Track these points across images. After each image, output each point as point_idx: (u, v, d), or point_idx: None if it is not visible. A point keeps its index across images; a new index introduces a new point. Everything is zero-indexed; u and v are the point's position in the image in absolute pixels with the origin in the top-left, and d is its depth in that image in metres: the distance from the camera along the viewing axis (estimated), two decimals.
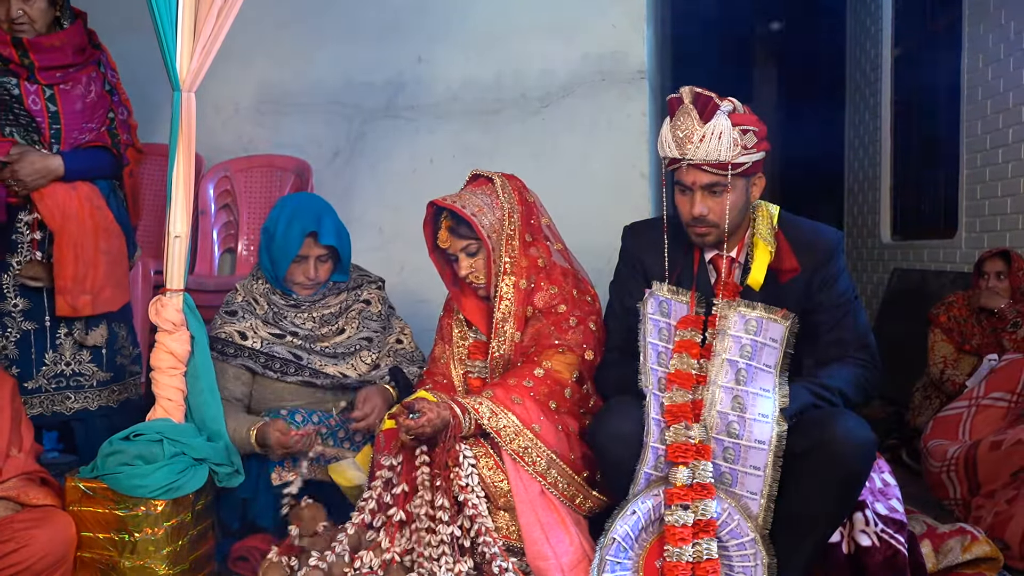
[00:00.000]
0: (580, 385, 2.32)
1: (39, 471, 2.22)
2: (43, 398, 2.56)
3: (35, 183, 2.49)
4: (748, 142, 2.02)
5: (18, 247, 2.56)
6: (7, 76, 2.51)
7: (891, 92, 5.90)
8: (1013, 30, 4.13)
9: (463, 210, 2.30)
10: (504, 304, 2.35)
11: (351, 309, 2.65)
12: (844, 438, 1.93)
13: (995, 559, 2.26)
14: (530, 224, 2.41)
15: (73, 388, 2.59)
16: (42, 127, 2.54)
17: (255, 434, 2.38)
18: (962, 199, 4.67)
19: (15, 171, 2.46)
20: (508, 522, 2.20)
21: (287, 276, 2.55)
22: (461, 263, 2.37)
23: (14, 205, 2.53)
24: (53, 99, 2.56)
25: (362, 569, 2.10)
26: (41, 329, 2.56)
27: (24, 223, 2.56)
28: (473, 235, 2.33)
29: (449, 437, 2.14)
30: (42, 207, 2.51)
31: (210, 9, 2.21)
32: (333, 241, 2.52)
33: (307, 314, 2.59)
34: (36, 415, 2.52)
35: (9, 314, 2.54)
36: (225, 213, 3.85)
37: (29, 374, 2.54)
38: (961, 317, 3.75)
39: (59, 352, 2.58)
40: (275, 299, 2.58)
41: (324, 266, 2.57)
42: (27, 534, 2.00)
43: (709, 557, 1.94)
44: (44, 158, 2.51)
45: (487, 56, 3.72)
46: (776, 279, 2.14)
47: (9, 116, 2.52)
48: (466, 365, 2.48)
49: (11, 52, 2.49)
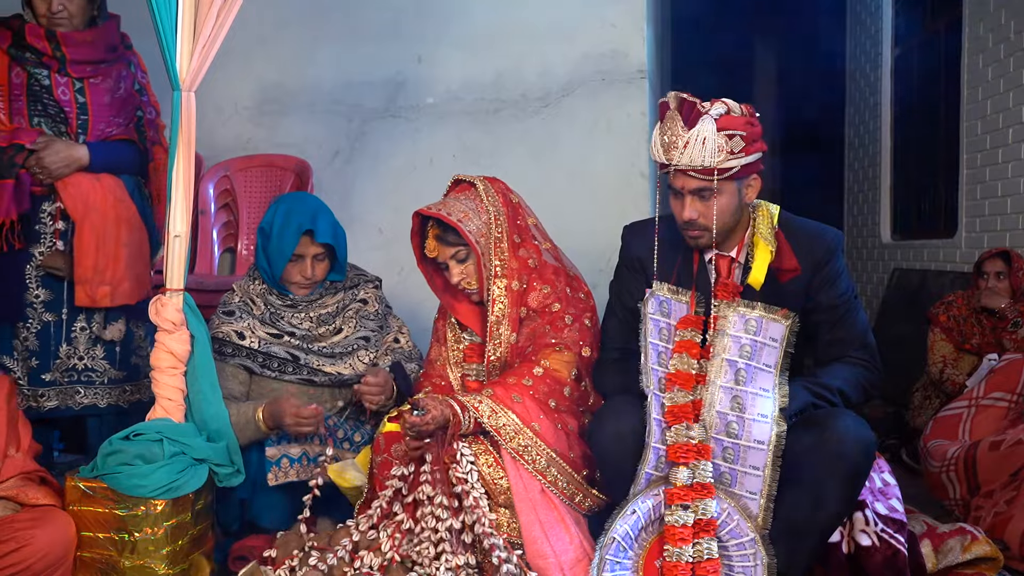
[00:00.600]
0: (579, 383, 2.33)
1: (38, 470, 2.21)
2: (57, 391, 2.57)
3: (60, 172, 2.52)
4: (735, 147, 2.00)
5: (41, 237, 2.57)
6: (39, 68, 2.55)
7: (891, 92, 5.90)
8: (1013, 30, 4.13)
9: (448, 217, 2.30)
10: (498, 307, 2.35)
11: (348, 308, 2.64)
12: (844, 438, 1.93)
13: (995, 559, 2.26)
14: (517, 225, 2.40)
15: (83, 383, 2.60)
16: (69, 117, 2.58)
17: (263, 413, 2.34)
18: (962, 199, 4.67)
19: (40, 158, 2.48)
20: (508, 519, 2.20)
21: (284, 276, 2.54)
22: (452, 270, 2.36)
23: (38, 195, 2.55)
24: (82, 91, 2.60)
25: (362, 569, 2.10)
26: (59, 321, 2.58)
27: (47, 213, 2.58)
28: (461, 241, 2.33)
29: (448, 434, 2.15)
30: (65, 196, 2.54)
31: (210, 9, 2.20)
32: (330, 239, 2.51)
33: (304, 314, 2.58)
34: (52, 408, 2.54)
35: (31, 304, 2.55)
36: (225, 213, 3.85)
37: (47, 366, 2.56)
38: (961, 317, 3.75)
39: (73, 345, 2.59)
40: (272, 299, 2.58)
41: (321, 265, 2.56)
42: (27, 534, 2.00)
43: (709, 557, 1.94)
44: (69, 147, 2.54)
45: (487, 56, 3.72)
46: (776, 279, 2.14)
47: (38, 106, 2.56)
48: (463, 368, 2.48)
49: (44, 45, 2.53)
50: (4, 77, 2.54)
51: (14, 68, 2.54)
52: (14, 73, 2.54)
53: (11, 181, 2.47)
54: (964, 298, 3.79)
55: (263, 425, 2.36)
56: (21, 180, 2.49)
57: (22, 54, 2.54)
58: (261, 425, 2.35)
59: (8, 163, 2.47)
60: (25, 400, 2.53)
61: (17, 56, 2.54)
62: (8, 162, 2.47)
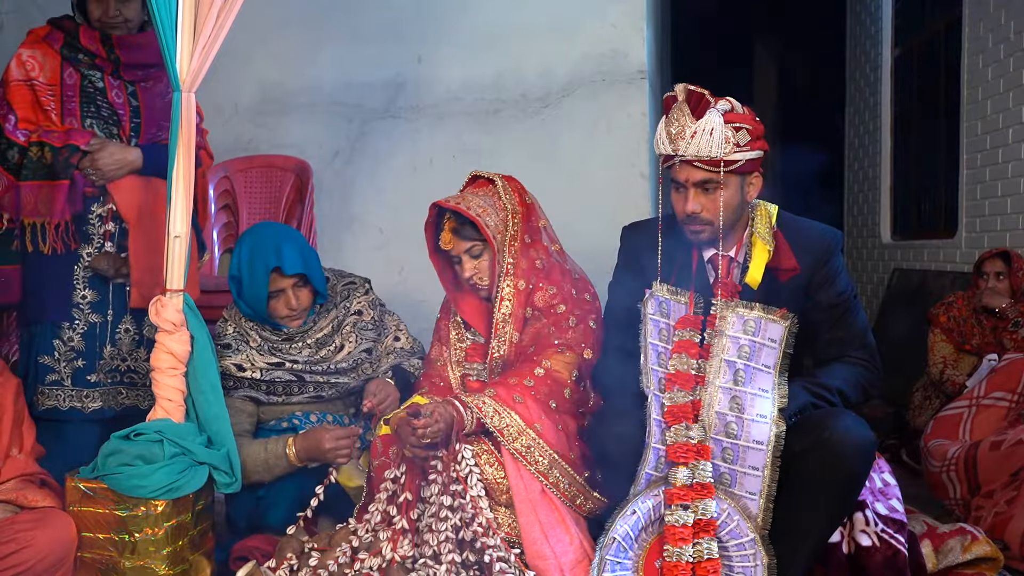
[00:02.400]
0: (579, 384, 2.33)
1: (39, 472, 2.21)
2: (102, 391, 2.57)
3: (113, 174, 2.53)
4: (741, 139, 2.01)
5: (91, 238, 2.58)
6: (92, 70, 2.57)
7: (891, 92, 5.90)
8: (1013, 30, 4.13)
9: (468, 211, 2.29)
10: (505, 305, 2.35)
11: (344, 324, 2.59)
12: (843, 438, 1.93)
13: (995, 559, 2.26)
14: (530, 225, 2.41)
15: (126, 384, 2.60)
16: (123, 121, 2.59)
17: (295, 447, 2.33)
18: (962, 199, 4.67)
19: (95, 160, 2.49)
20: (509, 519, 2.20)
21: (270, 312, 2.49)
22: (465, 265, 2.36)
23: (89, 195, 2.56)
24: (135, 95, 2.62)
25: (362, 570, 2.11)
26: (104, 322, 2.58)
27: (97, 215, 2.58)
28: (478, 236, 2.32)
29: (453, 432, 2.14)
30: (118, 199, 2.55)
31: (210, 9, 2.20)
32: (300, 269, 2.44)
33: (302, 343, 2.53)
34: (96, 408, 2.55)
35: (77, 305, 2.56)
36: (225, 213, 3.85)
37: (92, 367, 2.56)
38: (961, 317, 3.75)
39: (117, 347, 2.59)
40: (266, 335, 2.53)
41: (303, 291, 2.49)
42: (28, 535, 2.00)
43: (709, 557, 1.94)
44: (123, 149, 2.55)
45: (487, 56, 3.72)
46: (775, 278, 2.15)
47: (91, 108, 2.57)
48: (464, 368, 2.48)
49: (99, 48, 2.55)
50: (56, 77, 2.54)
51: (67, 69, 2.55)
52: (67, 74, 2.54)
53: (66, 182, 2.49)
54: (964, 299, 3.79)
55: (295, 459, 2.35)
56: (75, 181, 2.50)
57: (75, 56, 2.54)
58: (293, 459, 2.35)
59: (64, 164, 2.48)
60: (69, 401, 2.54)
61: (70, 57, 2.54)
62: (64, 163, 2.48)
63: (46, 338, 2.55)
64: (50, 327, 2.55)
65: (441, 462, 2.17)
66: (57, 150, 2.49)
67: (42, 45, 2.55)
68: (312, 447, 2.33)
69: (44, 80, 2.53)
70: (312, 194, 3.68)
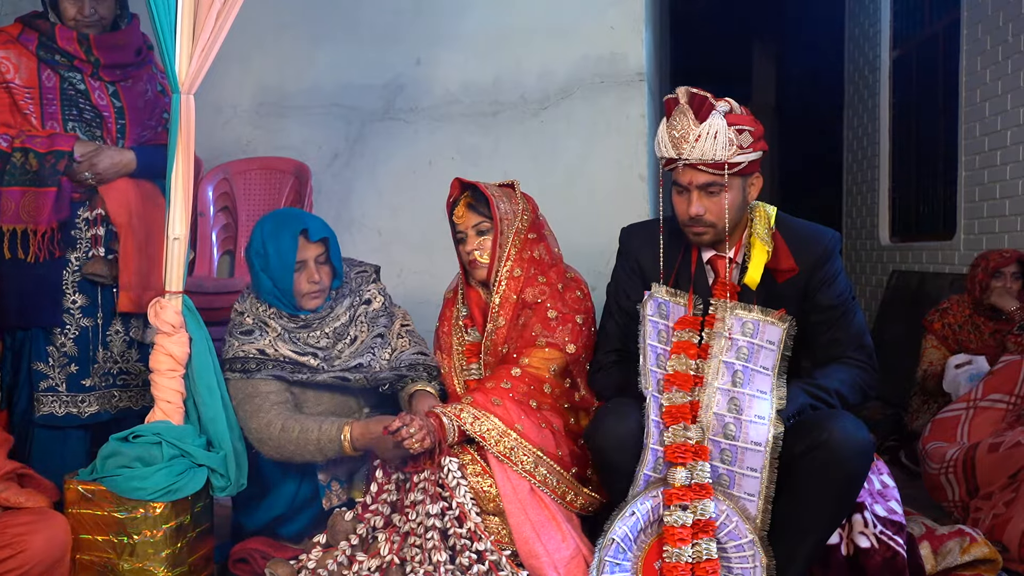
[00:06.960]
0: (561, 379, 2.35)
1: (17, 467, 2.17)
2: (97, 395, 2.56)
3: (111, 177, 2.51)
4: (744, 141, 2.02)
5: (78, 243, 2.55)
6: (72, 71, 2.50)
7: (889, 94, 5.91)
8: (1011, 32, 4.13)
9: (485, 188, 2.41)
10: (502, 288, 2.41)
11: (358, 315, 2.58)
12: (841, 439, 1.93)
13: (994, 561, 2.26)
14: (537, 224, 2.49)
15: (119, 387, 2.59)
16: (108, 123, 2.55)
17: (352, 432, 2.25)
18: (960, 201, 4.68)
19: (94, 164, 2.47)
20: (498, 526, 2.21)
21: (294, 289, 2.44)
22: (469, 239, 2.44)
23: (76, 200, 2.53)
24: (117, 95, 2.57)
25: (360, 571, 2.11)
26: (95, 326, 2.57)
27: (83, 219, 2.56)
28: (488, 215, 2.41)
29: (436, 442, 2.15)
30: (109, 202, 2.52)
31: (209, 11, 2.20)
32: (326, 232, 2.44)
33: (320, 331, 2.50)
34: (92, 412, 2.53)
35: (68, 311, 2.53)
36: (224, 215, 3.85)
37: (86, 372, 2.54)
38: (956, 324, 3.70)
39: (109, 350, 2.58)
40: (285, 323, 2.48)
41: (324, 268, 2.48)
42: (23, 539, 1.98)
43: (708, 557, 1.94)
44: (119, 152, 2.53)
45: (486, 58, 3.72)
46: (774, 279, 2.15)
47: (73, 111, 2.51)
48: (466, 373, 2.51)
49: (76, 49, 2.48)
50: (34, 79, 2.46)
51: (44, 71, 2.47)
52: (45, 76, 2.46)
53: (54, 189, 2.43)
54: (959, 303, 3.73)
55: (348, 445, 2.26)
56: (63, 188, 2.45)
57: (52, 57, 2.46)
58: (346, 445, 2.26)
59: (51, 170, 2.42)
60: (64, 406, 2.51)
61: (47, 59, 2.46)
62: (51, 169, 2.42)
63: (39, 344, 2.51)
64: (42, 333, 2.52)
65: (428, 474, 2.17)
66: (42, 156, 2.42)
67: (16, 46, 2.46)
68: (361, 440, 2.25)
69: (21, 82, 2.45)
70: (311, 196, 3.69)
